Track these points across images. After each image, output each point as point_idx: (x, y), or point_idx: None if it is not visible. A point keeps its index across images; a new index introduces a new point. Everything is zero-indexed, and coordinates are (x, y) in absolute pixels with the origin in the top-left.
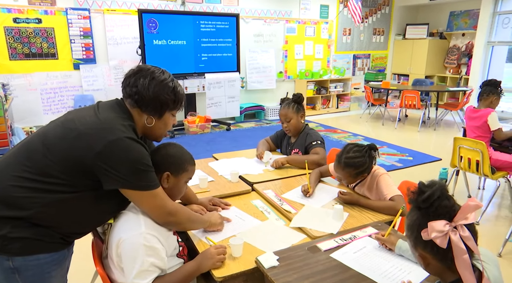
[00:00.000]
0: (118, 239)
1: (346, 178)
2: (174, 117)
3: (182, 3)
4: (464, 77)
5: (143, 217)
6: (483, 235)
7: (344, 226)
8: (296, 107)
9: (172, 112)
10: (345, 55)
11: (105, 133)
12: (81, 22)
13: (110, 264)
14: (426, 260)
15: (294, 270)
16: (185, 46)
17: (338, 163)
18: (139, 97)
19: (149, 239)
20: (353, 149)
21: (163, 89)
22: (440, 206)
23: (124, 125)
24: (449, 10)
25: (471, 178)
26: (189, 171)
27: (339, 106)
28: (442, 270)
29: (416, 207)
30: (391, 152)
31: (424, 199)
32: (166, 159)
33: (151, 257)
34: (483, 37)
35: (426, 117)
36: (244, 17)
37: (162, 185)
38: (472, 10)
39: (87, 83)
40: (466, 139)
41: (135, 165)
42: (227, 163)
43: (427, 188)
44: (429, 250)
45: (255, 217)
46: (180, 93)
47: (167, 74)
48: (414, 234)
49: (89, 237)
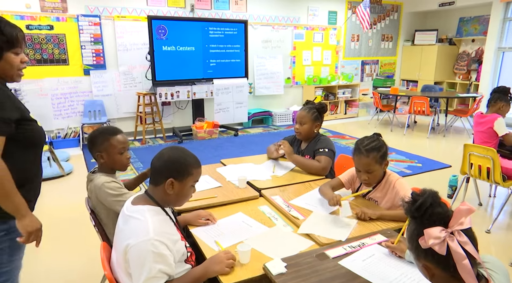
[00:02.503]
0: (126, 244)
1: (372, 166)
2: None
3: (191, 9)
4: (474, 83)
5: (152, 223)
6: (495, 244)
7: (352, 233)
8: (315, 115)
9: (13, 51)
10: (353, 61)
11: None
12: (92, 28)
13: (117, 268)
14: (430, 271)
15: (302, 277)
16: (194, 52)
17: (360, 153)
18: None
19: (157, 245)
20: (364, 139)
21: None
22: (434, 213)
23: None
24: (458, 16)
25: (482, 185)
26: (195, 174)
27: (347, 112)
28: (447, 280)
29: (412, 217)
30: (399, 158)
31: (417, 207)
32: (169, 165)
33: (159, 264)
34: (494, 43)
35: (435, 123)
36: (253, 24)
37: (167, 192)
38: (482, 16)
39: (97, 88)
40: (476, 146)
41: None
42: (234, 168)
43: (419, 197)
44: (431, 259)
45: (262, 223)
46: (7, 31)
47: None
48: (415, 245)
49: (97, 240)
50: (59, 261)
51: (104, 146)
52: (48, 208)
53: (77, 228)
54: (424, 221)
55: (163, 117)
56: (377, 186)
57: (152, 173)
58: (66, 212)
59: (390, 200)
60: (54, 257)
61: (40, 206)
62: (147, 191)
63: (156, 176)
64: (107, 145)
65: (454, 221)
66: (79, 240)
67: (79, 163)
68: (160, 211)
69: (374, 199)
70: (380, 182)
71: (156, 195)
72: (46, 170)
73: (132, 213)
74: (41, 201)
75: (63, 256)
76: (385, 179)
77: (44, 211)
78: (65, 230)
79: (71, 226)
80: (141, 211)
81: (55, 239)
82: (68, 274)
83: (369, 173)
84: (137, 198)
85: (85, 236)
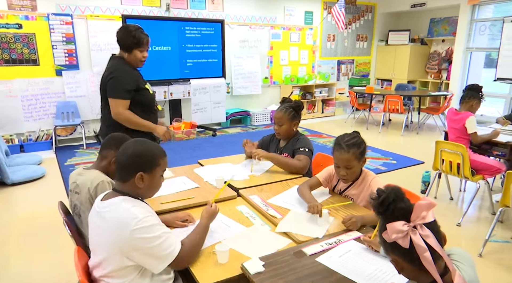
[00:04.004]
0: (120, 239)
1: (352, 162)
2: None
3: (167, 9)
4: (445, 82)
5: (133, 207)
6: (465, 236)
7: (329, 230)
8: (292, 114)
9: (139, 49)
10: (329, 61)
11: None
12: (64, 27)
13: (103, 269)
14: (399, 264)
15: (279, 275)
16: (170, 52)
17: (341, 149)
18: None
19: (149, 220)
20: (344, 135)
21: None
22: (396, 208)
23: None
24: (429, 17)
25: (453, 181)
26: (162, 164)
27: (324, 111)
28: (416, 273)
29: (377, 213)
30: (375, 155)
31: (380, 202)
32: (135, 159)
33: (160, 229)
34: (462, 44)
35: (409, 121)
36: (229, 23)
37: (138, 186)
38: (451, 17)
39: (70, 89)
40: (447, 142)
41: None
42: (212, 168)
43: (383, 192)
44: (397, 253)
45: (240, 223)
46: (137, 35)
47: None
48: (383, 239)
49: (72, 246)
50: (32, 269)
51: (153, 167)
52: (21, 215)
53: (50, 234)
54: (388, 216)
55: None
56: (354, 183)
57: (119, 169)
58: (39, 218)
59: (365, 197)
60: (26, 265)
61: (12, 212)
62: (115, 188)
63: (123, 172)
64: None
65: (415, 215)
66: (52, 246)
67: (52, 166)
68: (133, 199)
69: (350, 196)
70: (357, 179)
71: (126, 191)
72: (16, 174)
73: (106, 207)
74: (12, 207)
75: (36, 264)
76: (362, 177)
77: (16, 217)
78: (38, 236)
79: (44, 232)
80: (116, 203)
81: (27, 247)
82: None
83: (348, 168)
84: (106, 195)
85: (59, 242)
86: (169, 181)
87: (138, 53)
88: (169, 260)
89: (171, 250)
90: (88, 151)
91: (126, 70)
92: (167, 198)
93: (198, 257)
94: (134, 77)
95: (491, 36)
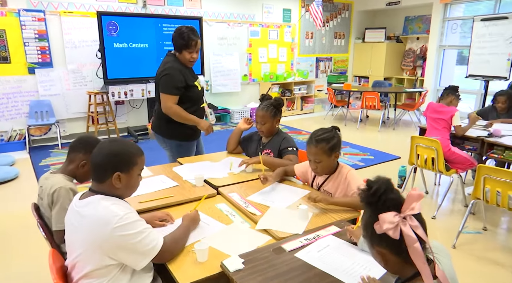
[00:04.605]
0: (101, 236)
1: (320, 156)
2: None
3: (143, 5)
4: (420, 78)
5: (113, 205)
6: (439, 229)
7: (308, 225)
8: (274, 112)
9: (187, 51)
10: (308, 58)
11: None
12: (36, 24)
13: (83, 268)
14: (384, 257)
15: (259, 272)
16: (148, 49)
17: (310, 143)
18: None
19: (129, 217)
20: (319, 130)
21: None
22: (388, 199)
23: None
24: (404, 15)
25: (428, 175)
26: (139, 163)
27: (303, 108)
28: (400, 265)
29: (367, 203)
30: (353, 151)
31: (373, 193)
32: (111, 159)
33: (141, 225)
34: (435, 41)
35: (385, 117)
36: (208, 20)
37: (115, 186)
38: (424, 15)
39: (44, 88)
40: (422, 138)
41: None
42: (191, 167)
43: (374, 184)
44: (385, 245)
45: (220, 221)
46: (186, 36)
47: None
48: (370, 232)
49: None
50: (4, 274)
51: (131, 166)
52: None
53: (24, 237)
54: (379, 207)
55: (116, 117)
56: (330, 177)
57: (94, 170)
58: (12, 220)
59: (343, 191)
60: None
61: None
62: (92, 188)
63: (99, 172)
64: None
65: (406, 206)
66: (26, 249)
67: (25, 167)
68: (112, 197)
69: (328, 191)
70: (333, 173)
71: (102, 191)
72: None
73: (84, 206)
74: None
75: (9, 268)
76: (338, 171)
77: None
78: (11, 239)
79: (18, 235)
80: (95, 202)
81: (1, 252)
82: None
83: (317, 162)
84: (84, 194)
85: (33, 244)
86: (147, 180)
87: (186, 54)
88: (152, 254)
89: (154, 244)
90: (63, 150)
91: (177, 67)
92: (145, 197)
93: (177, 256)
94: (184, 75)
95: (462, 34)
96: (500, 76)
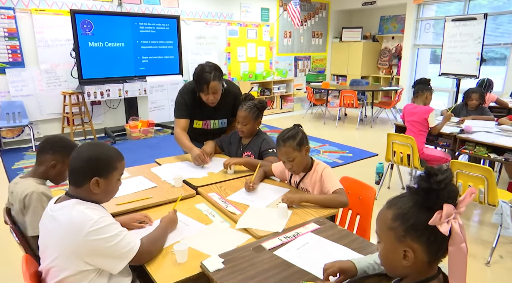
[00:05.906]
0: (75, 241)
1: (291, 154)
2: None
3: (119, 3)
4: (395, 77)
5: (87, 209)
6: None
7: (288, 223)
8: (256, 114)
9: (202, 93)
10: (286, 57)
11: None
12: (5, 22)
13: (60, 273)
14: (411, 255)
15: (239, 271)
16: (124, 49)
17: (279, 145)
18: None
19: (104, 220)
20: (283, 131)
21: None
22: (451, 190)
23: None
24: (379, 14)
25: (404, 171)
26: (119, 167)
27: (283, 107)
28: (422, 266)
29: (428, 189)
30: (332, 149)
31: (440, 180)
32: (90, 164)
33: (117, 228)
34: (410, 40)
35: (363, 115)
36: (185, 19)
37: (93, 191)
38: (399, 15)
39: (15, 88)
40: (398, 135)
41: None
42: (170, 167)
43: (439, 171)
44: (425, 240)
45: (199, 221)
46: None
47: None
48: (410, 221)
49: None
50: None
51: (110, 171)
52: None
53: None
54: (441, 196)
55: (93, 118)
56: (307, 175)
57: (72, 174)
58: None
59: (319, 188)
60: None
61: None
62: (68, 192)
63: (77, 177)
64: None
65: (462, 203)
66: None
67: None
68: (86, 202)
69: (305, 188)
70: (309, 171)
71: (79, 196)
72: None
73: (59, 210)
74: None
75: None
76: (313, 169)
77: None
78: None
79: None
80: (69, 206)
81: None
82: None
83: (290, 161)
84: (60, 198)
85: (5, 251)
86: (125, 181)
87: (203, 96)
88: (129, 257)
89: (130, 247)
90: None
91: (189, 98)
92: (123, 199)
93: (156, 258)
94: (190, 106)
95: (435, 34)
96: (471, 75)
